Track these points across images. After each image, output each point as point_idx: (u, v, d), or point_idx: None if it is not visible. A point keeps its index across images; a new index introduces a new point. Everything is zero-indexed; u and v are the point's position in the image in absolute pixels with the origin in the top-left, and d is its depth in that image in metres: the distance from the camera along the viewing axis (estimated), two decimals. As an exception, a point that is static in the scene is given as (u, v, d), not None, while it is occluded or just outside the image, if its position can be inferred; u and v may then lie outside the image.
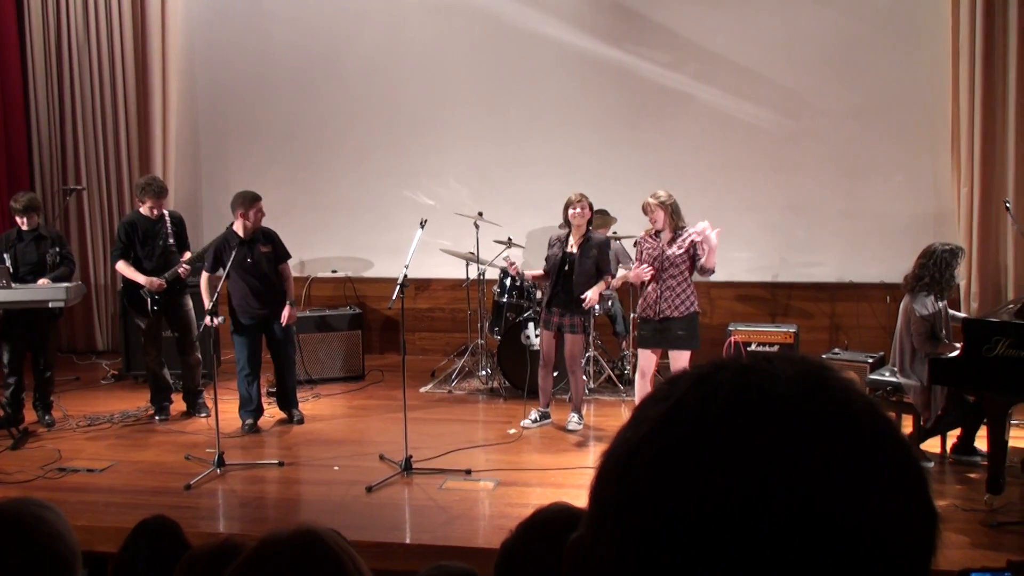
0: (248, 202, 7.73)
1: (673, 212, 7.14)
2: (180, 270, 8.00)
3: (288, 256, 8.02)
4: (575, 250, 7.57)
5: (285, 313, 7.84)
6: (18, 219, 7.87)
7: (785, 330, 8.67)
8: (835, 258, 9.70)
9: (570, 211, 7.54)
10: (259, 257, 7.77)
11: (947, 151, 9.28)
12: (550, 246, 7.75)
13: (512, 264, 7.96)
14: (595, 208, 7.76)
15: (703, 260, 7.02)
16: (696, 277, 7.21)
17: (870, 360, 7.93)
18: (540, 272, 7.88)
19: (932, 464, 6.70)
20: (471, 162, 10.39)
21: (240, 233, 7.72)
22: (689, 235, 7.11)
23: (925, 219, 9.34)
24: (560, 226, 7.82)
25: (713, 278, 7.66)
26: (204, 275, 7.76)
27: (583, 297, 7.48)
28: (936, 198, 9.46)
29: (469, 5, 10.21)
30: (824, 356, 8.21)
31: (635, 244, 7.56)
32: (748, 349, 7.93)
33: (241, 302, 7.81)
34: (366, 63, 10.51)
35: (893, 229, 9.40)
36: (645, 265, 7.16)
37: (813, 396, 0.79)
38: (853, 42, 9.52)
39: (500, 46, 10.21)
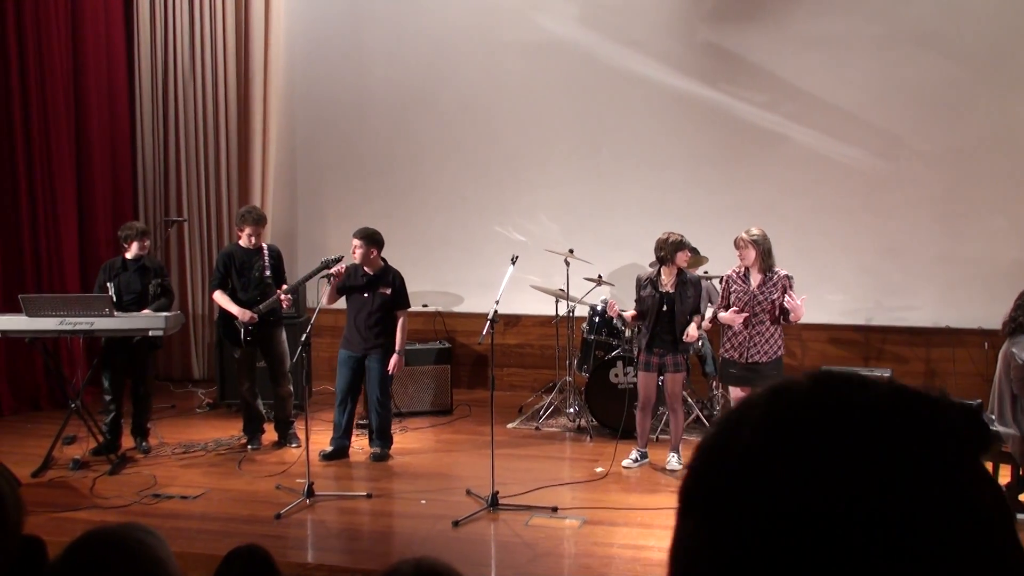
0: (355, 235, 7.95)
1: (765, 252, 7.10)
2: (281, 298, 8.11)
3: (405, 306, 8.05)
4: (672, 289, 7.52)
5: (392, 362, 7.91)
6: (132, 245, 8.11)
7: (879, 374, 8.47)
8: (931, 303, 9.51)
9: (679, 255, 7.47)
10: (373, 296, 7.89)
11: (1050, 195, 9.08)
12: (641, 287, 7.67)
13: (612, 304, 7.96)
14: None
15: (790, 315, 7.08)
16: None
17: (967, 407, 7.75)
18: (634, 313, 7.84)
19: (1031, 516, 6.50)
20: (562, 199, 10.42)
21: (365, 267, 7.91)
22: (780, 281, 7.07)
23: (1026, 264, 9.12)
24: (651, 264, 7.79)
25: (805, 320, 7.57)
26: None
27: (686, 333, 7.45)
28: (1038, 243, 9.25)
29: (564, 44, 10.28)
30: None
31: (722, 281, 7.52)
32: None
33: (347, 333, 7.99)
34: (462, 100, 10.64)
35: (992, 274, 9.17)
36: (738, 311, 7.14)
37: (895, 405, 0.83)
38: (952, 84, 9.36)
39: (594, 85, 10.25)
